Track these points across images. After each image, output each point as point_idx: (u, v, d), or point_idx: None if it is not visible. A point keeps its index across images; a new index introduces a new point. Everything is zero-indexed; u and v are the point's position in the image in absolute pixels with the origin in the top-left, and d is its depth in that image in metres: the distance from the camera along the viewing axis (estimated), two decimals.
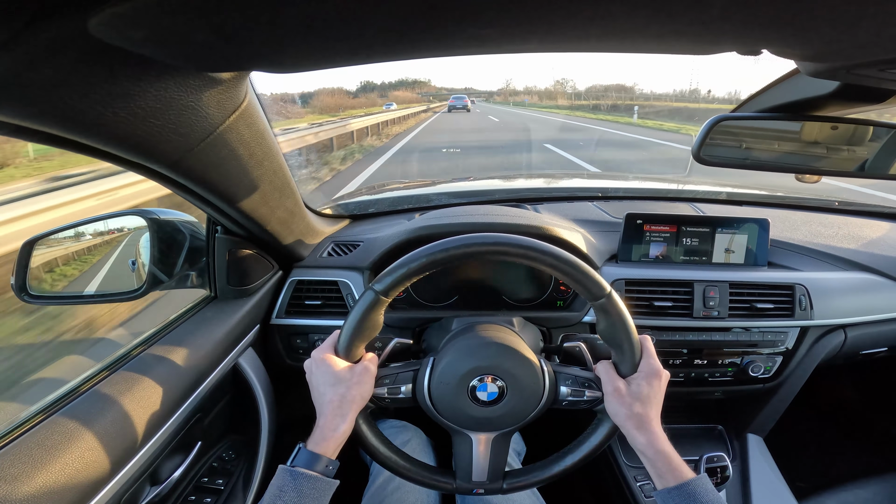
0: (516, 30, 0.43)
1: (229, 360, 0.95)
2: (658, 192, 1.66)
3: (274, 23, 0.40)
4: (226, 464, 0.98)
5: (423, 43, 0.46)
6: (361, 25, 0.41)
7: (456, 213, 1.20)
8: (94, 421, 0.64)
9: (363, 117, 16.97)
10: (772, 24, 0.42)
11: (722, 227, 1.20)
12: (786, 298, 1.15)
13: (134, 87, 0.49)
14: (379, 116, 18.58)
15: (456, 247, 0.71)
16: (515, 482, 0.79)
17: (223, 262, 0.98)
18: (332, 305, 1.13)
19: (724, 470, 1.09)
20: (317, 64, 0.52)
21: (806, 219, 1.44)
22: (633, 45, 0.48)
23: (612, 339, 0.74)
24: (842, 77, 0.64)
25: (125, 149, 0.57)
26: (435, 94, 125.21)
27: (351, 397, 0.71)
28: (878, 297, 1.22)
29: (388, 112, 23.00)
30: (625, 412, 0.71)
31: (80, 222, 0.99)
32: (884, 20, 0.39)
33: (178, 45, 0.44)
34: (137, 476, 0.70)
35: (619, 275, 1.14)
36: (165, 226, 0.94)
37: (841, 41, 0.47)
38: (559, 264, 0.71)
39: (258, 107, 0.72)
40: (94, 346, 2.48)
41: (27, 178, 5.19)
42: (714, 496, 0.65)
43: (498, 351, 0.76)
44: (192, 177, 0.70)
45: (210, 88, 0.57)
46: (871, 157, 0.94)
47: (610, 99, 67.34)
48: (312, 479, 0.65)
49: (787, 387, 1.25)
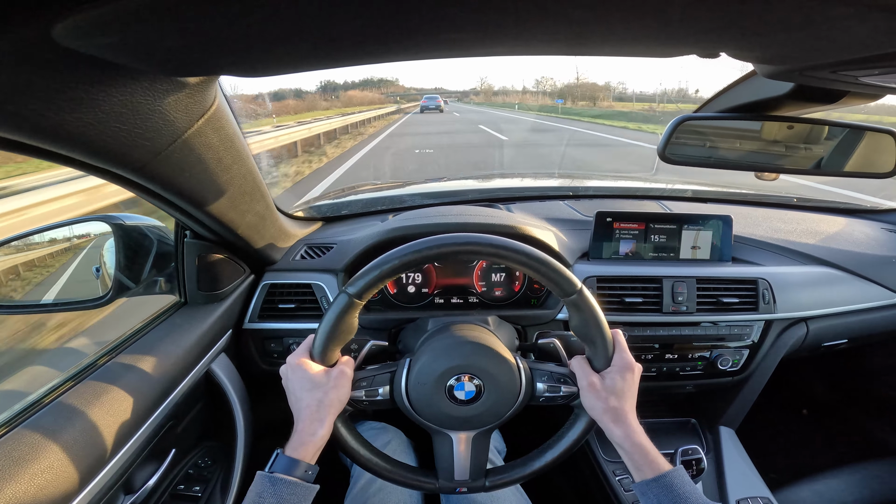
0: (483, 35, 0.43)
1: (201, 367, 0.94)
2: (627, 190, 1.69)
3: (243, 28, 0.40)
4: (202, 470, 0.96)
5: (392, 47, 0.46)
6: (332, 29, 0.41)
7: (429, 214, 1.20)
8: (62, 432, 0.62)
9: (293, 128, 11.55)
10: (728, 29, 0.43)
11: (688, 223, 1.23)
12: (750, 293, 1.18)
13: (99, 93, 0.48)
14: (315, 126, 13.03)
15: (428, 247, 0.71)
16: (498, 479, 0.80)
17: (192, 267, 0.96)
18: (307, 308, 1.12)
19: (699, 462, 1.12)
20: (287, 67, 0.52)
21: (767, 215, 1.49)
22: (596, 48, 0.49)
23: (584, 334, 0.76)
24: (796, 78, 0.67)
25: (90, 154, 0.56)
26: (403, 95, 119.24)
27: (328, 402, 0.70)
28: (837, 290, 1.27)
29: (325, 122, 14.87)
30: (601, 406, 0.73)
31: (41, 228, 0.97)
32: (830, 25, 0.41)
33: (146, 50, 0.43)
34: (110, 485, 0.68)
35: (591, 272, 1.16)
36: (131, 231, 0.92)
37: (792, 45, 0.49)
38: (530, 262, 0.72)
39: (227, 110, 0.71)
40: (59, 356, 2.39)
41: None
42: (690, 487, 0.66)
43: (474, 350, 0.77)
44: (159, 181, 0.69)
45: (178, 93, 0.56)
46: (826, 156, 0.99)
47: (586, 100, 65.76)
48: (292, 484, 0.65)
49: (754, 379, 1.29)
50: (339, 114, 22.53)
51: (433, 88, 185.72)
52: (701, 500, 0.65)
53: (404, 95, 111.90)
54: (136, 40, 0.41)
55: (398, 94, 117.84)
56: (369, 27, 0.41)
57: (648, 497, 0.67)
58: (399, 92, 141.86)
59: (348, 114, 21.39)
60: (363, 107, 37.18)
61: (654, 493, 0.67)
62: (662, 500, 0.66)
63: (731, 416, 1.36)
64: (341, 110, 31.79)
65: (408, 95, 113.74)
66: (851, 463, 1.37)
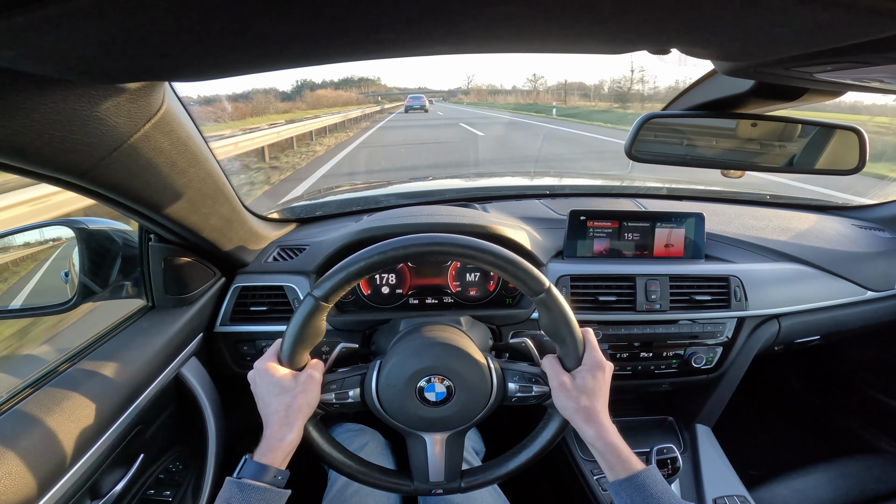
0: (418, 34, 0.43)
1: (171, 371, 0.92)
2: (601, 188, 1.70)
3: (164, 34, 0.39)
4: (173, 475, 0.96)
5: (329, 47, 0.46)
6: (263, 31, 0.40)
7: (401, 214, 1.20)
8: (20, 438, 0.61)
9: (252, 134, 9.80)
10: (676, 24, 0.43)
11: (661, 221, 1.24)
12: (722, 290, 1.19)
13: (25, 102, 0.46)
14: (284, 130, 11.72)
15: (393, 248, 0.71)
16: (473, 480, 0.80)
17: (158, 271, 0.95)
18: (279, 311, 1.11)
19: (675, 461, 1.12)
20: (225, 72, 0.51)
21: (739, 212, 1.50)
22: (543, 45, 0.49)
23: (554, 333, 0.76)
24: (753, 75, 0.67)
25: (26, 162, 0.54)
26: (385, 94, 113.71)
27: (297, 406, 0.70)
28: (808, 286, 1.28)
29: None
30: (572, 406, 0.73)
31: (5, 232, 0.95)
32: (773, 20, 0.41)
33: (62, 61, 0.42)
34: (74, 490, 0.68)
35: (565, 271, 1.16)
36: (96, 235, 0.91)
37: (742, 41, 0.49)
38: (498, 261, 0.72)
39: (179, 113, 0.70)
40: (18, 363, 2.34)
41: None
42: (663, 486, 0.66)
43: (443, 351, 0.77)
44: (109, 186, 0.68)
45: (117, 97, 0.54)
46: (798, 153, 1.00)
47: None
48: (260, 490, 0.64)
49: (729, 376, 1.30)
50: (287, 120, 17.60)
51: (417, 88, 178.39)
52: (674, 498, 0.65)
53: (386, 95, 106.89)
54: (49, 52, 0.39)
55: (379, 94, 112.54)
56: (298, 31, 0.41)
57: (622, 497, 0.67)
58: (381, 91, 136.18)
59: (300, 120, 16.83)
60: (334, 108, 33.04)
61: (626, 493, 0.67)
62: (635, 499, 0.66)
63: (707, 413, 1.37)
64: (301, 114, 27.63)
65: (390, 95, 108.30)
66: (828, 459, 1.38)
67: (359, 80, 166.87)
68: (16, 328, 2.39)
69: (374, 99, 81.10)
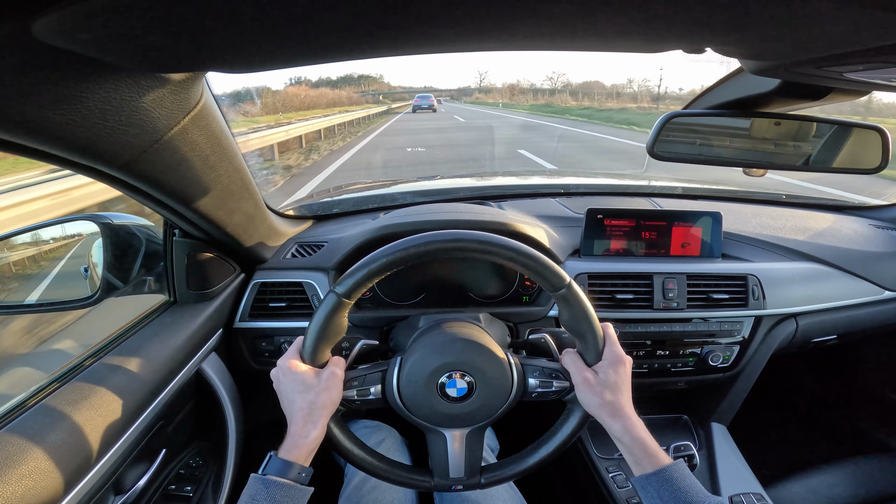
0: (466, 30, 0.43)
1: (192, 366, 0.93)
2: (617, 187, 1.70)
3: (229, 22, 0.39)
4: (193, 470, 0.96)
5: (379, 42, 0.46)
6: (318, 25, 0.41)
7: (420, 212, 1.20)
8: (47, 434, 0.62)
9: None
10: (713, 24, 0.43)
11: (678, 220, 1.24)
12: (739, 289, 1.19)
13: (81, 90, 0.47)
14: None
15: (416, 245, 0.71)
16: (493, 476, 0.80)
17: (182, 266, 0.95)
18: (298, 307, 1.12)
19: (692, 459, 1.12)
20: (273, 63, 0.52)
21: (756, 211, 1.49)
22: (582, 43, 0.49)
23: (575, 328, 0.76)
24: (781, 75, 0.67)
25: (72, 151, 0.55)
26: (388, 93, 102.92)
27: (321, 403, 0.70)
28: (826, 285, 1.28)
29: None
30: (597, 401, 0.72)
31: (27, 228, 0.96)
32: (814, 20, 0.41)
33: (130, 46, 0.43)
34: (99, 486, 0.68)
35: (582, 269, 1.16)
36: (119, 230, 0.92)
37: (776, 40, 0.49)
38: (519, 258, 0.72)
39: (215, 108, 0.71)
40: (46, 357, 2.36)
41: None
42: (691, 481, 0.66)
43: (465, 347, 0.77)
44: (145, 180, 0.68)
45: (163, 89, 0.55)
46: (814, 152, 0.99)
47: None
48: (285, 487, 0.64)
49: (745, 375, 1.29)
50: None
51: (422, 87, 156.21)
52: (701, 493, 0.65)
53: (389, 94, 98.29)
54: (119, 36, 0.40)
55: (381, 93, 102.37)
56: (355, 23, 0.41)
57: (648, 491, 0.67)
58: (383, 90, 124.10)
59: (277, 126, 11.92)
60: (318, 112, 26.63)
61: (653, 487, 0.66)
62: (662, 493, 0.65)
63: (722, 412, 1.37)
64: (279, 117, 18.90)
65: (393, 94, 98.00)
66: (843, 459, 1.38)
67: (359, 78, 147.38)
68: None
69: (375, 98, 73.86)
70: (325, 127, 15.45)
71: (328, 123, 16.15)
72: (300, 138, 12.28)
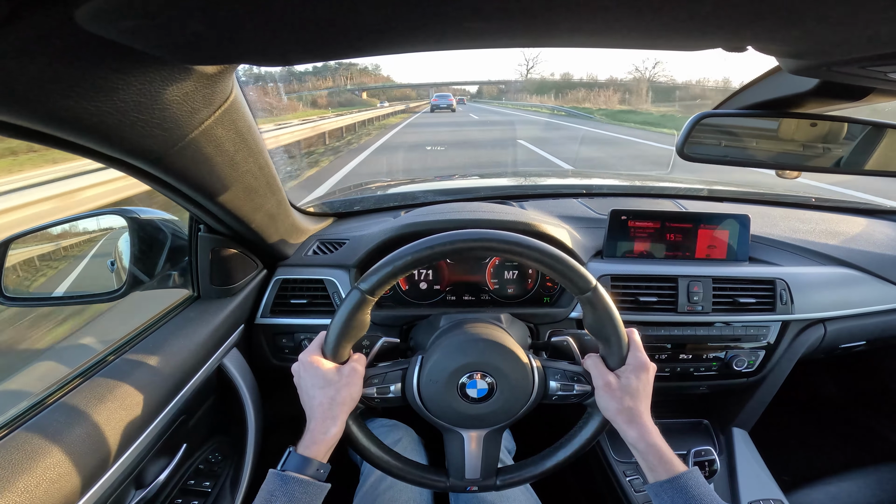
0: (507, 24, 0.43)
1: (213, 361, 0.94)
2: (641, 188, 1.67)
3: (267, 14, 0.39)
4: (212, 465, 0.97)
5: (418, 36, 0.46)
6: (356, 18, 0.40)
7: (442, 210, 1.20)
8: (70, 428, 0.62)
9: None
10: (758, 21, 0.42)
11: (704, 222, 1.21)
12: (767, 293, 1.17)
13: (118, 81, 0.47)
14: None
15: (441, 244, 0.71)
16: (509, 478, 0.79)
17: (206, 262, 0.96)
18: (319, 304, 1.12)
19: (712, 464, 1.11)
20: (308, 56, 0.52)
21: (784, 214, 1.46)
22: (623, 41, 0.48)
23: (599, 332, 0.75)
24: (822, 74, 0.65)
25: (107, 145, 0.56)
26: (383, 88, 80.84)
27: (340, 399, 0.70)
28: (856, 291, 1.24)
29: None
30: (615, 406, 0.72)
31: (56, 221, 0.97)
32: (867, 18, 0.40)
33: (168, 35, 0.43)
34: (121, 480, 0.69)
35: (605, 270, 1.15)
36: (146, 225, 0.93)
37: (824, 38, 0.48)
38: (544, 259, 0.71)
39: (244, 102, 0.71)
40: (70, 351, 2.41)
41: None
42: (705, 489, 0.65)
43: (486, 347, 0.76)
44: (176, 173, 0.69)
45: (196, 82, 0.55)
46: (847, 154, 0.97)
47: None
48: (303, 483, 0.64)
49: (770, 381, 1.27)
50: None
51: (430, 83, 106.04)
52: (716, 501, 0.64)
53: (383, 88, 77.18)
54: (158, 24, 0.40)
55: (363, 88, 78.91)
56: (392, 16, 0.40)
57: (662, 498, 0.66)
58: (367, 84, 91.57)
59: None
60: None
61: (667, 495, 0.66)
62: (676, 501, 0.64)
63: (744, 417, 1.35)
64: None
65: (386, 90, 78.90)
66: (866, 466, 1.34)
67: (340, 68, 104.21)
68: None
69: (351, 95, 57.96)
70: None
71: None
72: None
